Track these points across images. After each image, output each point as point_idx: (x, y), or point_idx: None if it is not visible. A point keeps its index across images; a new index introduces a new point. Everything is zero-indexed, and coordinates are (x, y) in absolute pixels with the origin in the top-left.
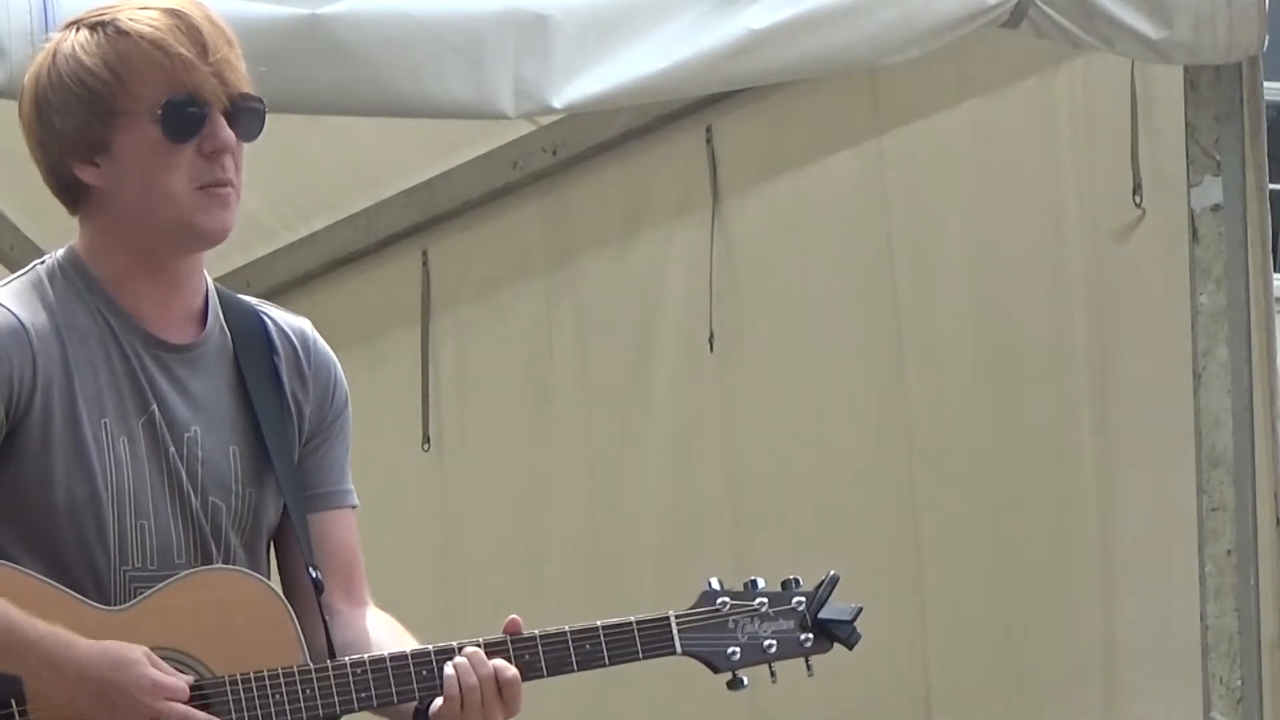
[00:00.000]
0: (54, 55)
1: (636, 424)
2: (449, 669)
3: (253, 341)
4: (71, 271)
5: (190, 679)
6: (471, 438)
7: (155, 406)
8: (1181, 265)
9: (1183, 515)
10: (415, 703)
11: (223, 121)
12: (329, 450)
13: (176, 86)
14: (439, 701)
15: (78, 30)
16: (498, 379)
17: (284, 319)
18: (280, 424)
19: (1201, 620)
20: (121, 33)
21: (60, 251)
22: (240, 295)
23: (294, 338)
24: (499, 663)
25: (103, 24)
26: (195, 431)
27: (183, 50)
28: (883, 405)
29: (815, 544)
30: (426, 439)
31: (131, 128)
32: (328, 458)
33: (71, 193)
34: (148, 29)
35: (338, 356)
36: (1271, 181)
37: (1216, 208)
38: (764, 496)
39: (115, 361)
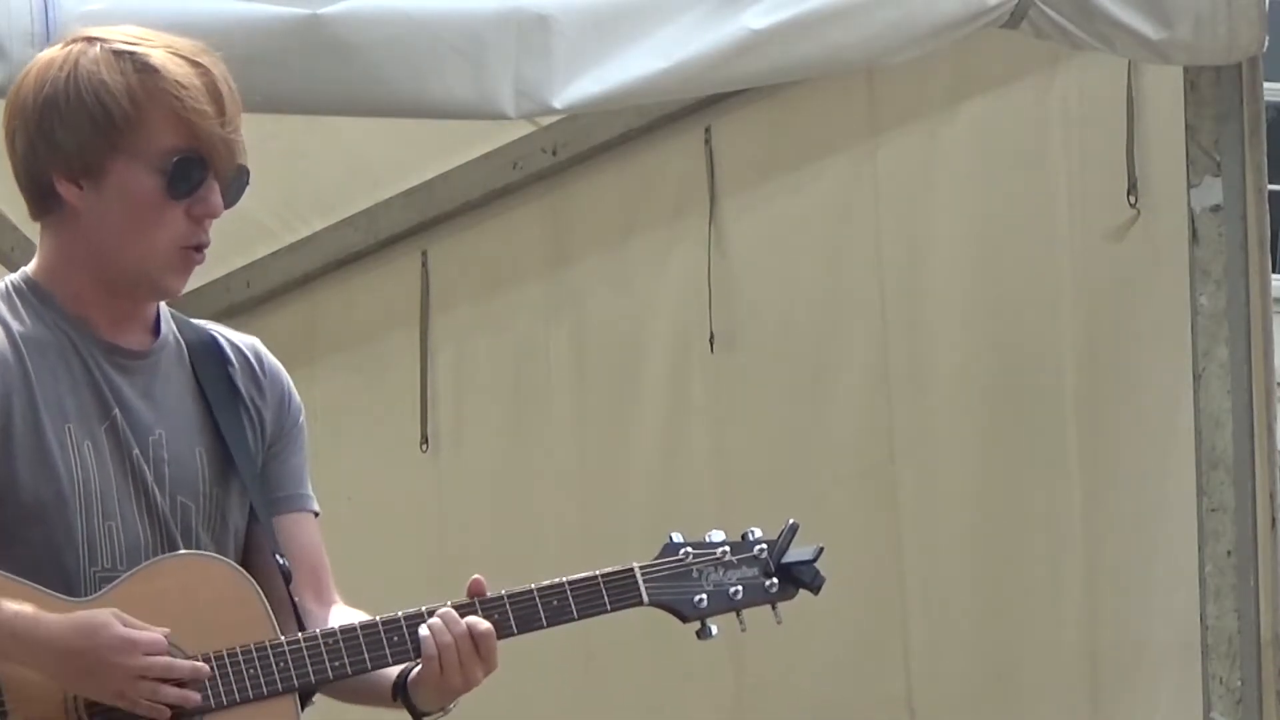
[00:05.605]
0: (75, 64)
1: (632, 425)
2: (423, 630)
3: (206, 351)
4: (27, 291)
5: (165, 630)
6: (470, 439)
7: (117, 411)
8: (1176, 265)
9: (1174, 515)
10: (394, 676)
11: (218, 189)
12: (289, 456)
13: (191, 143)
14: (418, 668)
15: (99, 48)
16: (497, 380)
17: (233, 335)
18: (239, 428)
19: (1201, 621)
20: (150, 69)
21: (13, 276)
22: (186, 317)
23: (245, 351)
24: (471, 619)
25: (130, 54)
26: (160, 434)
27: (206, 109)
28: (874, 405)
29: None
30: (425, 440)
31: (131, 167)
32: (288, 463)
33: (43, 201)
34: (178, 75)
35: (337, 356)
36: (1271, 182)
37: (1216, 208)
38: (753, 499)
39: (75, 370)
